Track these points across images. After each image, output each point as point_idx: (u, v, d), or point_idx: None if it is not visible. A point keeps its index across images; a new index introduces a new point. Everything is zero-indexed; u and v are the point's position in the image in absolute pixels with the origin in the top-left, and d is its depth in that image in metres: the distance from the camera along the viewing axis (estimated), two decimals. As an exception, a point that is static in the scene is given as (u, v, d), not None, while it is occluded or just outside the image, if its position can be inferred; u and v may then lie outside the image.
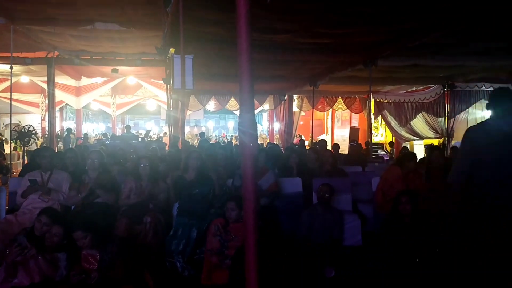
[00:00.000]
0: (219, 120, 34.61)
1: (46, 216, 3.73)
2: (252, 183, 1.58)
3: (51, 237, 3.54)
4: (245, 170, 1.58)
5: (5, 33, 10.45)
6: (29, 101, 20.34)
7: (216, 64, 9.16)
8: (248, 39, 1.50)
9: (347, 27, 6.42)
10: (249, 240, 1.57)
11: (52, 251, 3.50)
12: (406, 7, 5.43)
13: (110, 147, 9.50)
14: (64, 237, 3.58)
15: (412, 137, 13.98)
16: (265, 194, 4.86)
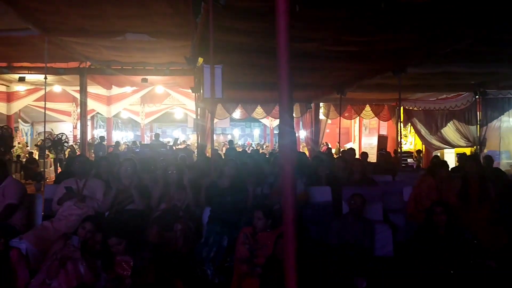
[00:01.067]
0: (245, 128, 34.79)
1: (91, 223, 3.85)
2: (292, 193, 1.59)
3: (94, 244, 3.63)
4: (285, 179, 1.59)
5: (40, 44, 10.83)
6: (61, 109, 20.97)
7: (243, 72, 9.25)
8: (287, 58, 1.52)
9: (376, 35, 6.38)
10: (288, 250, 1.58)
11: (92, 256, 3.59)
12: (437, 13, 5.36)
13: (140, 155, 9.69)
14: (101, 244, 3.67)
15: (443, 146, 13.69)
16: (294, 203, 4.85)
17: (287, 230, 1.59)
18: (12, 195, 4.53)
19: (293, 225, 1.59)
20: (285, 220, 1.60)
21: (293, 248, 1.57)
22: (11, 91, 18.61)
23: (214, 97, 5.68)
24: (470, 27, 5.80)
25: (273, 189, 4.95)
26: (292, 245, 1.57)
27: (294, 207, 1.61)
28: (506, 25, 5.52)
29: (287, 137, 1.60)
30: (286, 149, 1.59)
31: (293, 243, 1.58)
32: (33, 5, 8.49)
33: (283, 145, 1.61)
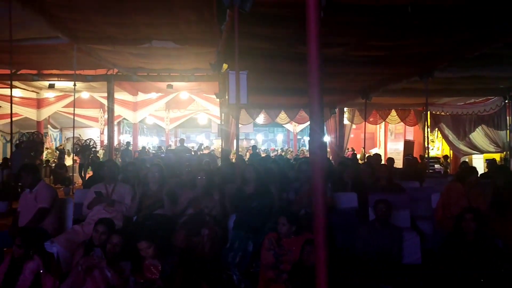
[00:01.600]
0: (268, 133, 34.79)
1: (103, 225, 3.93)
2: (322, 199, 1.59)
3: (112, 247, 3.69)
4: (316, 186, 1.59)
5: (69, 51, 11.12)
6: (89, 115, 21.44)
7: (267, 78, 9.27)
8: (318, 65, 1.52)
9: (402, 39, 6.31)
10: (319, 256, 1.58)
11: (115, 260, 3.65)
12: (465, 17, 5.27)
13: (165, 160, 9.81)
14: (125, 246, 3.72)
15: (471, 151, 13.39)
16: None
17: (317, 237, 1.59)
18: (44, 199, 4.66)
19: (324, 232, 1.59)
20: (316, 226, 1.60)
21: (323, 254, 1.57)
22: (41, 98, 19.13)
23: (239, 103, 5.72)
24: (499, 30, 5.68)
25: (298, 194, 4.94)
26: (323, 252, 1.57)
27: (325, 213, 1.60)
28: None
29: (317, 143, 1.61)
30: (316, 156, 1.60)
31: (323, 250, 1.57)
32: (62, 14, 8.74)
33: (314, 151, 1.61)
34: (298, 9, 5.23)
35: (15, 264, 3.61)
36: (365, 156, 15.23)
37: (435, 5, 4.87)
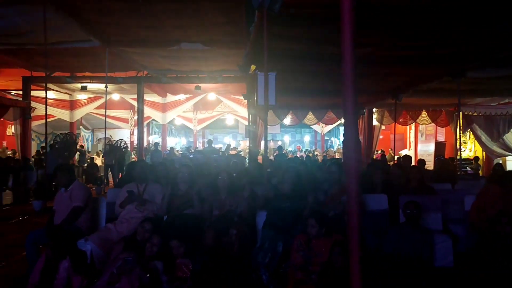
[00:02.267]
0: (295, 134, 34.70)
1: (150, 223, 4.06)
2: (356, 201, 1.59)
3: (151, 246, 3.76)
4: (350, 187, 1.59)
5: (101, 54, 11.41)
6: (119, 117, 21.92)
7: (295, 79, 9.25)
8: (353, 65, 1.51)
9: (434, 38, 6.19)
10: (353, 258, 1.57)
11: (150, 260, 3.72)
12: (499, 14, 5.13)
13: (193, 160, 9.91)
14: (161, 246, 3.80)
15: (505, 153, 13.00)
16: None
17: (351, 238, 1.59)
18: (79, 198, 4.80)
19: (358, 233, 1.58)
20: (350, 228, 1.60)
21: (357, 256, 1.56)
22: (74, 100, 19.69)
23: (268, 104, 5.73)
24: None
25: (328, 196, 4.91)
26: (357, 253, 1.56)
27: (359, 214, 1.60)
28: None
29: (351, 145, 1.60)
30: (350, 157, 1.59)
31: (357, 251, 1.57)
32: (94, 18, 8.99)
33: (348, 153, 1.60)
34: (328, 10, 5.21)
35: (51, 262, 3.71)
36: (393, 158, 15.01)
37: (468, 3, 4.76)
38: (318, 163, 10.49)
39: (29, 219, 9.17)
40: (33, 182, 12.23)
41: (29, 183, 12.18)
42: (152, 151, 15.95)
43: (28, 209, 10.24)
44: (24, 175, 12.22)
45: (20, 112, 14.47)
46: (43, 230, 4.88)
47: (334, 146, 28.36)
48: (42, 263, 3.81)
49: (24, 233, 7.36)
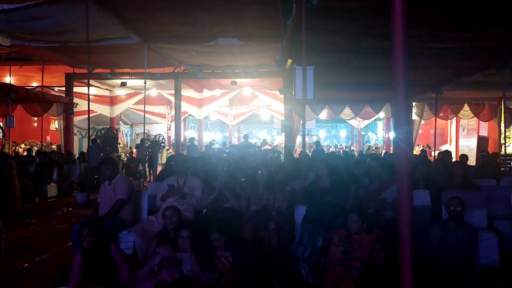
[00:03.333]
0: (331, 129, 34.33)
1: (170, 210, 4.17)
2: (408, 197, 1.56)
3: (182, 241, 3.81)
4: (401, 182, 1.56)
5: (140, 51, 11.67)
6: (157, 112, 22.35)
7: (333, 73, 9.14)
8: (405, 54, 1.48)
9: (478, 30, 5.97)
10: (404, 252, 1.55)
11: (186, 251, 3.79)
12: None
13: (229, 155, 10.00)
14: (196, 238, 3.85)
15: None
16: (391, 207, 4.70)
17: (402, 234, 1.56)
18: (122, 191, 4.95)
19: (410, 229, 1.55)
20: (401, 223, 1.57)
21: (408, 252, 1.53)
22: (114, 96, 20.22)
23: (306, 98, 5.70)
24: None
25: (368, 192, 4.84)
26: (408, 250, 1.54)
27: (411, 210, 1.57)
28: None
29: (403, 139, 1.57)
30: (402, 152, 1.56)
31: (409, 248, 1.54)
32: (134, 15, 9.19)
33: (399, 147, 1.57)
34: (368, 2, 5.13)
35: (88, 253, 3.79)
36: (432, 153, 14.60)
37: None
38: (355, 158, 10.36)
39: (73, 211, 9.52)
40: (76, 175, 12.67)
41: (73, 176, 12.63)
42: (188, 145, 16.20)
43: (72, 201, 10.63)
44: (68, 168, 12.68)
45: (63, 107, 15.02)
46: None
47: (370, 141, 27.89)
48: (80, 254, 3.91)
49: (69, 224, 7.70)
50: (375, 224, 4.16)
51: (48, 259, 5.76)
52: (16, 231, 7.24)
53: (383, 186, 4.78)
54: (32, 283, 4.74)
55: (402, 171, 1.56)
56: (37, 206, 10.19)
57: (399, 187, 1.61)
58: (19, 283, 4.75)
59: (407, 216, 1.54)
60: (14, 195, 9.14)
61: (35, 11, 8.57)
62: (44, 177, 11.26)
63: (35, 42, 11.25)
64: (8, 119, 12.30)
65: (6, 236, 4.94)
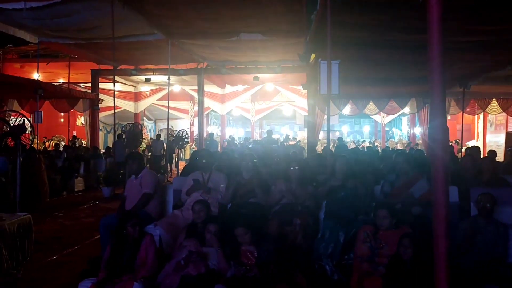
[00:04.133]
0: (354, 125, 33.96)
1: (199, 204, 4.20)
2: (443, 192, 1.52)
3: (210, 235, 3.84)
4: (436, 177, 1.53)
5: (164, 47, 11.77)
6: (180, 108, 22.54)
7: (357, 67, 9.02)
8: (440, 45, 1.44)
9: (507, 23, 5.79)
10: (439, 248, 1.52)
11: (212, 245, 3.82)
12: None
13: (252, 151, 10.00)
14: (221, 233, 3.87)
15: None
16: (418, 203, 4.63)
17: (437, 230, 1.53)
18: (148, 185, 5.02)
19: (445, 226, 1.52)
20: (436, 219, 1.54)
21: (444, 248, 1.50)
22: (138, 91, 20.48)
23: (331, 93, 5.65)
24: None
25: (394, 188, 4.77)
26: (443, 245, 1.50)
27: (446, 205, 1.53)
28: None
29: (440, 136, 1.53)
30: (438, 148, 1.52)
31: (444, 242, 1.51)
32: (158, 11, 9.27)
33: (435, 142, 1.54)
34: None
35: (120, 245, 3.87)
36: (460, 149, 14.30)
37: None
38: (379, 154, 10.22)
39: (99, 205, 9.71)
40: (102, 170, 12.91)
41: (99, 170, 12.87)
42: (208, 141, 16.28)
43: (98, 195, 10.85)
44: (94, 163, 12.93)
45: (89, 103, 15.30)
46: (115, 215, 5.16)
47: (395, 137, 27.49)
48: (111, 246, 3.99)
49: (96, 217, 7.87)
50: (402, 220, 4.10)
51: (76, 251, 5.90)
52: (45, 224, 7.43)
53: (410, 181, 4.71)
54: (61, 275, 4.86)
55: (437, 166, 1.53)
56: (64, 199, 10.43)
57: (434, 183, 1.57)
58: (49, 274, 4.88)
59: (442, 212, 1.51)
60: (42, 189, 9.38)
61: (62, 8, 8.74)
62: (71, 172, 11.51)
63: (62, 39, 11.49)
64: (36, 114, 12.60)
65: (36, 228, 5.06)
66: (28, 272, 4.79)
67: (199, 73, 15.42)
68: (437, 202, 1.54)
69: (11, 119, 7.07)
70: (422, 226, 4.41)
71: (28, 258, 4.85)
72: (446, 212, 1.54)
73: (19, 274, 4.61)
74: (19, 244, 4.67)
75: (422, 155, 8.57)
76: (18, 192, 6.12)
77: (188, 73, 15.62)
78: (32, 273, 4.83)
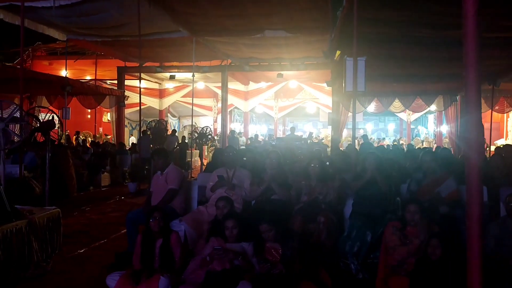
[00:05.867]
0: (378, 122, 33.51)
1: (222, 201, 4.23)
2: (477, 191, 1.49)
3: (229, 231, 3.85)
4: (470, 176, 1.49)
5: (189, 44, 11.87)
6: (203, 105, 22.70)
7: (383, 64, 8.90)
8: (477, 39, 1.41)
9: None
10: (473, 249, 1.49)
11: (237, 241, 3.83)
12: None
13: (276, 148, 9.98)
14: (244, 228, 3.88)
15: None
16: (445, 202, 4.54)
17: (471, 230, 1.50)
18: (174, 181, 5.08)
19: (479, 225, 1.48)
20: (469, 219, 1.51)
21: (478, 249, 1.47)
22: (163, 88, 20.72)
23: (356, 90, 5.60)
24: None
25: (421, 186, 4.69)
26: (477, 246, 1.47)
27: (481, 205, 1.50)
28: None
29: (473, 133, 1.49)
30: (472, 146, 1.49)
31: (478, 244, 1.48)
32: (183, 9, 9.35)
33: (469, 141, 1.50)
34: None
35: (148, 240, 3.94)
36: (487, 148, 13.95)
37: None
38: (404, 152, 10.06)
39: (125, 200, 9.87)
40: (128, 165, 13.12)
41: (124, 166, 13.09)
42: (229, 138, 16.33)
43: (123, 190, 11.03)
44: (120, 159, 13.15)
45: (115, 100, 15.55)
46: (141, 210, 5.24)
47: (420, 135, 27.01)
48: (140, 241, 4.06)
49: (122, 212, 8.01)
50: (429, 218, 4.03)
51: (103, 245, 6.01)
52: (73, 218, 7.60)
53: (438, 180, 4.63)
54: (89, 268, 4.97)
55: (472, 164, 1.49)
56: (91, 194, 10.65)
57: (468, 181, 1.54)
58: (77, 267, 4.99)
59: (476, 212, 1.48)
60: (70, 183, 9.62)
61: (89, 6, 8.92)
62: (98, 167, 11.73)
63: (89, 36, 11.73)
64: (64, 111, 12.88)
65: (63, 222, 5.19)
66: (57, 264, 4.91)
67: (223, 70, 15.50)
68: (471, 202, 1.51)
69: (41, 115, 7.24)
70: (449, 226, 4.34)
71: (57, 251, 5.00)
72: (480, 211, 1.51)
73: (49, 266, 4.74)
74: (48, 237, 4.81)
75: (449, 153, 8.41)
76: (47, 187, 6.29)
77: (212, 70, 15.72)
78: (61, 266, 4.94)
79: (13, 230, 4.25)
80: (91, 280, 4.52)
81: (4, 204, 4.27)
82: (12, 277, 4.26)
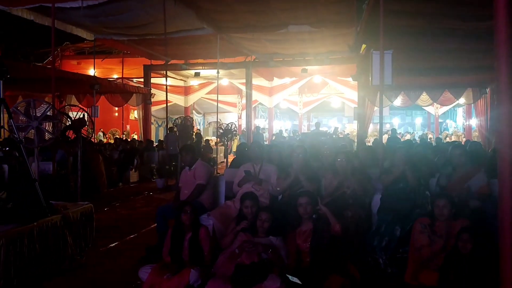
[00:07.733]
0: (405, 117, 32.97)
1: (248, 200, 4.20)
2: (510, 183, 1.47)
3: (261, 222, 3.90)
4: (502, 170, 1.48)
5: (213, 41, 11.95)
6: (228, 101, 22.81)
7: (410, 57, 8.78)
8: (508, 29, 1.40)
9: None
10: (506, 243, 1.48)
11: (266, 235, 3.88)
12: None
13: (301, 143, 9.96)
14: (273, 222, 3.92)
15: None
16: (475, 197, 4.46)
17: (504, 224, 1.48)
18: (202, 176, 5.16)
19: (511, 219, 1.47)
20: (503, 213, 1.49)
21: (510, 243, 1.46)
22: (188, 86, 20.92)
23: (383, 84, 5.54)
24: None
25: (451, 181, 4.63)
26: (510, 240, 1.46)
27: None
28: None
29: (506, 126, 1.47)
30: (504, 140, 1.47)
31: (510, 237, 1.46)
32: (207, 6, 9.44)
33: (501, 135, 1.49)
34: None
35: (178, 234, 4.02)
36: None
37: None
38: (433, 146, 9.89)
39: (153, 195, 10.05)
40: (155, 162, 13.34)
41: (152, 162, 13.31)
42: (254, 134, 16.36)
43: (152, 186, 11.23)
44: (148, 155, 13.38)
45: (142, 98, 15.80)
46: (170, 205, 5.35)
47: (449, 129, 26.45)
48: (170, 235, 4.16)
49: (151, 207, 8.17)
50: (459, 213, 3.98)
51: (133, 239, 6.16)
52: (104, 213, 7.80)
53: (468, 175, 4.56)
54: (121, 261, 5.11)
55: (504, 158, 1.48)
56: (121, 190, 10.88)
57: (500, 175, 1.52)
58: (110, 261, 5.14)
59: (509, 206, 1.46)
60: (100, 179, 9.86)
61: (116, 6, 9.08)
62: (126, 164, 11.97)
63: (116, 35, 11.96)
64: (93, 109, 13.16)
65: (95, 217, 5.34)
66: (91, 258, 5.07)
67: (247, 66, 15.54)
68: (503, 195, 1.50)
69: (71, 113, 7.44)
70: (479, 221, 4.27)
71: (90, 245, 5.15)
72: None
73: (83, 260, 4.90)
74: (82, 231, 4.97)
75: (479, 147, 8.23)
76: (79, 183, 6.48)
77: (236, 67, 15.79)
78: (95, 259, 5.10)
79: (49, 224, 4.41)
80: (125, 273, 4.65)
81: (39, 199, 4.43)
82: (49, 270, 4.42)
